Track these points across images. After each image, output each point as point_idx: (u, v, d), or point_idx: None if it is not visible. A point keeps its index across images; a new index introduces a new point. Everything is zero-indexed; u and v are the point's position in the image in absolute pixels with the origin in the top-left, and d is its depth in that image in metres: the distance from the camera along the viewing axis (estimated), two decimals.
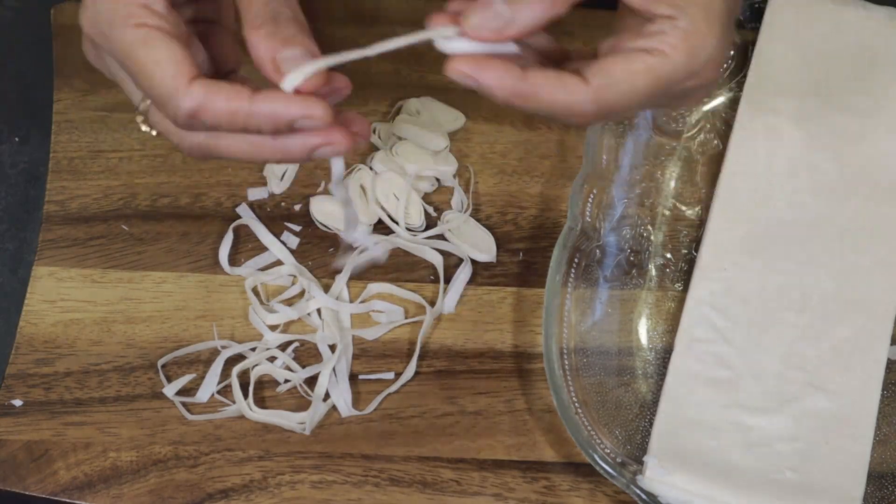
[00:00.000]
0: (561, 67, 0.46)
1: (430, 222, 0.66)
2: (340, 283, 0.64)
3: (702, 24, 0.44)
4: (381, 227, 0.66)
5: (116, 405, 0.62)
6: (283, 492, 0.61)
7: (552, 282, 0.61)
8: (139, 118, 0.48)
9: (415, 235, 0.65)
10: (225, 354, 0.63)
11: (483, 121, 0.69)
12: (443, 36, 0.44)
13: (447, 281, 0.65)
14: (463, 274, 0.65)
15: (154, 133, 0.48)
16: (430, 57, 0.70)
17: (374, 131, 0.68)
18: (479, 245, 0.65)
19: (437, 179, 0.67)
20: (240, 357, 0.63)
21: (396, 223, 0.65)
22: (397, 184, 0.65)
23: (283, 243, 0.66)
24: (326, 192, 0.67)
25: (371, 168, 0.66)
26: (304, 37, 0.45)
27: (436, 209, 0.67)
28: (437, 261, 0.65)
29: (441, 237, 0.66)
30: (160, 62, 0.44)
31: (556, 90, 0.44)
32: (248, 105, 0.44)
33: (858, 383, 0.61)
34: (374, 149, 0.67)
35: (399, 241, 0.65)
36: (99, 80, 0.69)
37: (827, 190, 0.64)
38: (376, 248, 0.59)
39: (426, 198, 0.67)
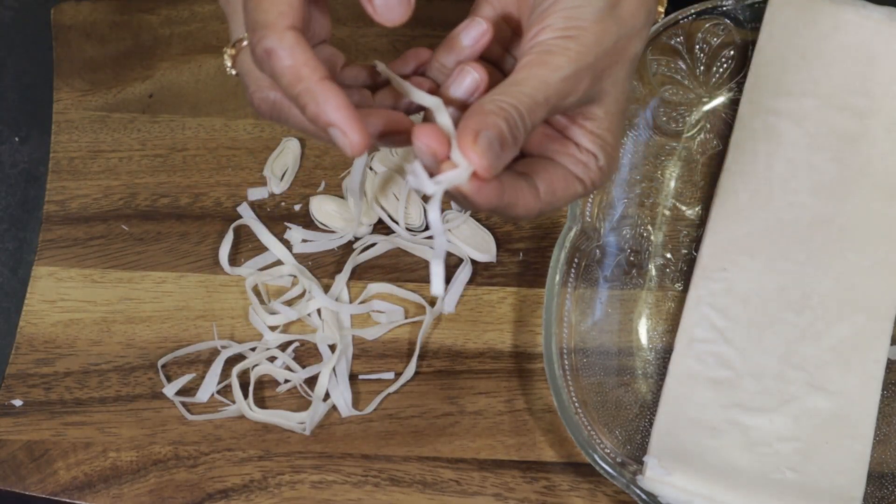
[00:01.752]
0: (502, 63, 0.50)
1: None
2: (340, 283, 0.64)
3: (614, 152, 0.48)
4: (380, 228, 0.66)
5: (116, 405, 0.63)
6: (283, 492, 0.61)
7: (552, 282, 0.61)
8: (229, 53, 0.47)
9: (415, 235, 0.65)
10: (225, 354, 0.63)
11: None
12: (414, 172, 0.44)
13: (447, 281, 0.65)
14: (463, 274, 0.65)
15: (233, 73, 0.48)
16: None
17: None
18: (479, 245, 0.65)
19: None
20: (240, 357, 0.63)
21: (396, 223, 0.65)
22: (397, 184, 0.65)
23: (287, 241, 0.66)
24: (326, 192, 0.67)
25: (371, 168, 0.66)
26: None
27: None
28: None
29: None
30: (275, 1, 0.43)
31: (516, 203, 0.46)
32: (312, 82, 0.43)
33: (858, 383, 0.61)
34: (375, 149, 0.67)
35: (399, 241, 0.65)
36: (99, 80, 0.69)
37: (827, 190, 0.64)
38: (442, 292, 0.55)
39: (426, 198, 0.67)
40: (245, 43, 0.47)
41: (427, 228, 0.66)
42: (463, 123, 0.44)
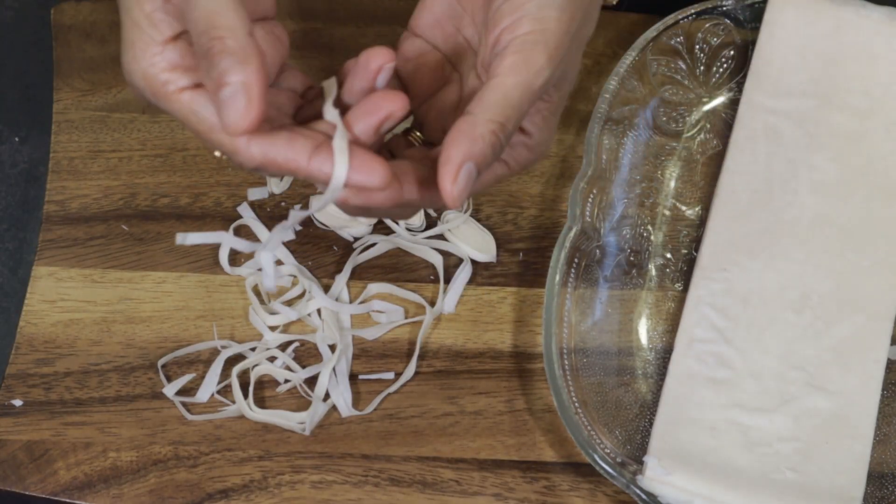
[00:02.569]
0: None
1: (430, 222, 0.66)
2: (340, 283, 0.64)
3: (552, 132, 0.49)
4: (380, 228, 0.66)
5: (116, 405, 0.62)
6: (283, 492, 0.61)
7: (552, 282, 0.61)
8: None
9: (415, 235, 0.65)
10: (225, 354, 0.63)
11: None
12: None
13: (447, 281, 0.65)
14: (463, 274, 0.65)
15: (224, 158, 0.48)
16: None
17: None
18: (479, 245, 0.65)
19: None
20: (240, 357, 0.63)
21: (397, 223, 0.65)
22: None
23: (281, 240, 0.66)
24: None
25: None
26: (245, 65, 0.43)
27: (436, 209, 0.67)
28: (437, 261, 0.65)
29: (441, 237, 0.66)
30: (214, 128, 0.44)
31: (500, 174, 0.48)
32: (305, 166, 0.43)
33: (858, 383, 0.61)
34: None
35: (399, 241, 0.65)
36: (99, 80, 0.69)
37: (827, 190, 0.64)
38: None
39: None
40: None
41: (427, 228, 0.66)
42: (448, 151, 0.43)
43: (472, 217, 0.66)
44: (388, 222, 0.65)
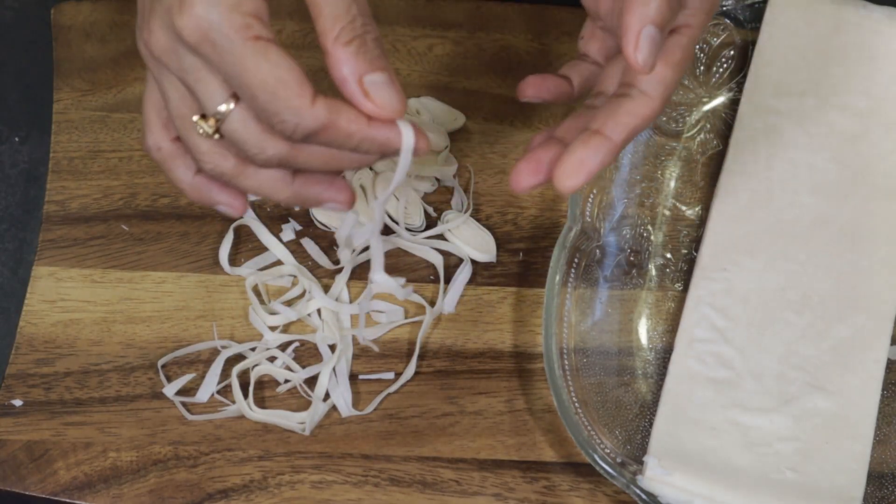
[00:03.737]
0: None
1: (430, 222, 0.66)
2: (340, 283, 0.64)
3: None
4: (384, 228, 0.66)
5: (116, 405, 0.63)
6: (283, 492, 0.61)
7: (552, 282, 0.61)
8: (209, 123, 0.46)
9: (415, 235, 0.65)
10: (225, 354, 0.63)
11: (483, 121, 0.69)
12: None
13: (447, 281, 0.65)
14: (463, 274, 0.65)
15: (215, 137, 0.47)
16: (430, 57, 0.70)
17: None
18: (479, 245, 0.65)
19: (437, 179, 0.67)
20: (240, 357, 0.63)
21: (396, 223, 0.65)
22: (399, 190, 0.65)
23: (281, 240, 0.66)
24: None
25: (371, 168, 0.66)
26: (386, 60, 0.46)
27: (436, 209, 0.67)
28: (438, 261, 0.65)
29: (441, 237, 0.66)
30: (283, 80, 0.44)
31: (636, 125, 0.47)
32: (366, 129, 0.45)
33: (858, 383, 0.61)
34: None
35: (399, 241, 0.65)
36: (99, 80, 0.69)
37: (827, 190, 0.64)
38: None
39: (426, 198, 0.67)
40: (226, 110, 0.46)
41: (427, 228, 0.66)
42: (626, 20, 0.45)
43: (472, 217, 0.66)
44: (389, 222, 0.65)
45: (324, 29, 0.45)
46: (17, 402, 0.62)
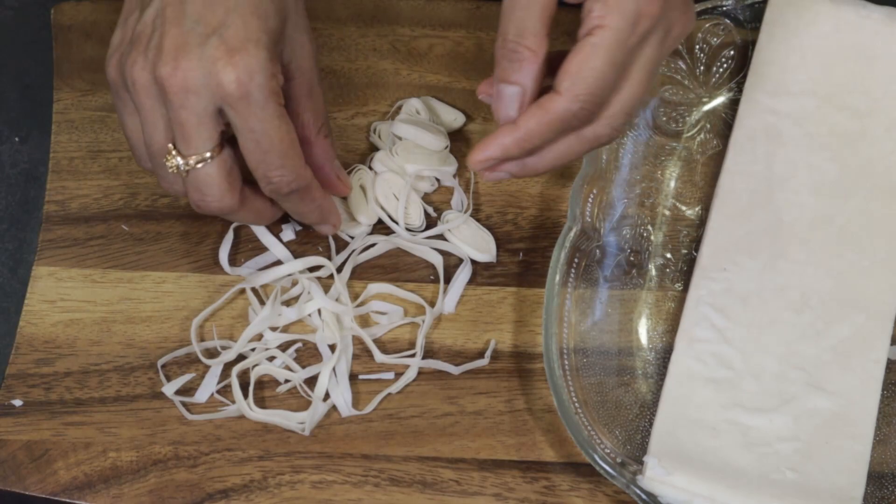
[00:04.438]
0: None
1: (430, 222, 0.66)
2: (340, 283, 0.64)
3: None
4: (380, 228, 0.66)
5: (116, 405, 0.63)
6: (283, 492, 0.61)
7: (552, 282, 0.61)
8: (190, 161, 0.54)
9: (414, 235, 0.65)
10: (225, 355, 0.63)
11: (483, 121, 0.69)
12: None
13: (447, 281, 0.65)
14: (463, 274, 0.65)
15: (182, 174, 0.55)
16: (430, 56, 0.70)
17: (373, 131, 0.68)
18: (479, 245, 0.65)
19: (437, 179, 0.67)
20: (240, 357, 0.63)
21: (396, 223, 0.65)
22: (397, 184, 0.65)
23: (280, 240, 0.66)
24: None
25: (371, 168, 0.66)
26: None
27: (436, 209, 0.67)
28: (438, 261, 0.65)
29: (441, 237, 0.66)
30: (294, 142, 0.54)
31: (540, 117, 0.50)
32: (322, 198, 0.60)
33: (858, 383, 0.61)
34: (374, 149, 0.67)
35: (399, 241, 0.65)
36: (99, 80, 0.69)
37: (826, 190, 0.64)
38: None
39: (426, 198, 0.67)
40: (215, 154, 0.54)
41: (427, 228, 0.66)
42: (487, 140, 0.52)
43: (472, 217, 0.66)
44: (388, 221, 0.65)
45: (308, 123, 0.56)
46: (17, 402, 0.62)
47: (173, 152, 0.54)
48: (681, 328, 0.62)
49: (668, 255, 0.65)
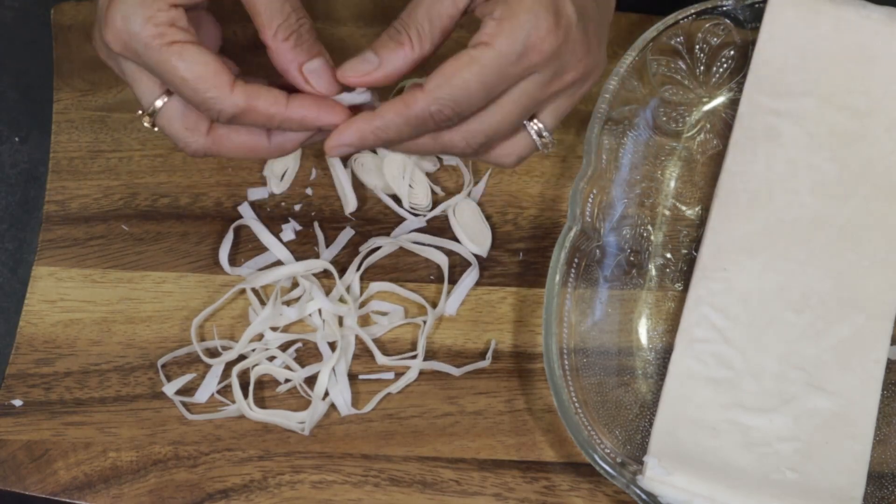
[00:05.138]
0: None
1: (437, 202, 0.67)
2: (341, 287, 0.64)
3: (517, 8, 0.49)
4: (381, 229, 0.66)
5: (116, 405, 0.63)
6: (283, 492, 0.61)
7: (552, 282, 0.61)
8: (146, 119, 0.52)
9: (419, 216, 0.66)
10: (225, 355, 0.63)
11: None
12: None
13: (452, 282, 0.65)
14: (469, 278, 0.65)
15: (155, 129, 0.53)
16: (430, 56, 0.70)
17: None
18: (474, 235, 0.65)
19: (439, 158, 0.67)
20: (240, 357, 0.63)
21: (400, 205, 0.65)
22: (402, 164, 0.65)
23: (281, 240, 0.66)
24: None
25: (374, 151, 0.66)
26: (320, 45, 0.51)
27: (443, 188, 0.67)
28: (443, 262, 0.65)
29: (442, 233, 0.65)
30: (201, 75, 0.49)
31: (400, 110, 0.49)
32: (284, 110, 0.50)
33: (858, 383, 0.61)
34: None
35: (402, 241, 0.65)
36: (99, 80, 0.69)
37: (826, 190, 0.64)
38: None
39: (432, 178, 0.67)
40: (159, 105, 0.52)
41: (433, 208, 0.66)
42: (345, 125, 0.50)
43: (477, 204, 0.66)
44: (389, 202, 0.65)
45: (262, 26, 0.51)
46: (17, 402, 0.62)
47: (139, 113, 0.53)
48: (681, 328, 0.62)
49: (668, 255, 0.65)
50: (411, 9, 0.50)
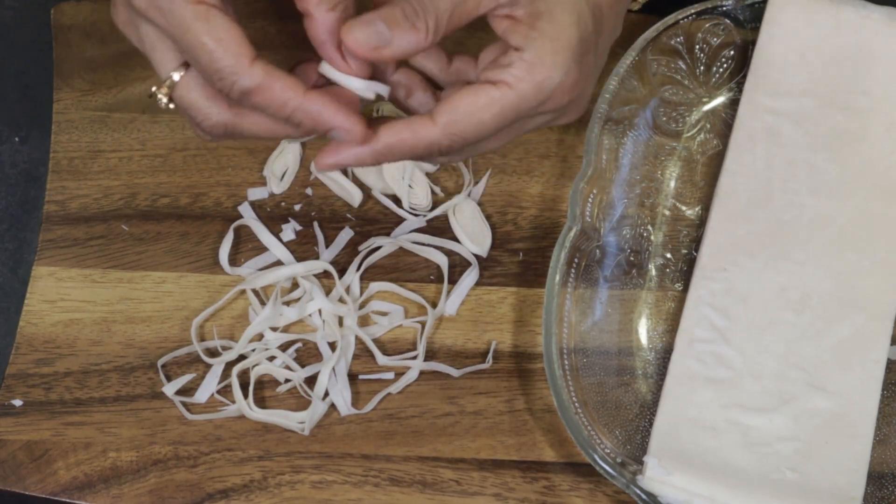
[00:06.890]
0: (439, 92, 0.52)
1: (437, 202, 0.67)
2: (341, 288, 0.64)
3: (548, 56, 0.47)
4: (381, 229, 0.66)
5: (116, 405, 0.63)
6: (283, 492, 0.61)
7: (552, 282, 0.61)
8: (162, 91, 0.49)
9: (419, 216, 0.66)
10: (225, 355, 0.63)
11: None
12: (328, 72, 0.49)
13: (453, 282, 0.65)
14: (469, 278, 0.65)
15: (171, 106, 0.50)
16: None
17: (377, 111, 0.67)
18: (473, 235, 0.65)
19: None
20: (240, 357, 0.63)
21: (399, 205, 0.65)
22: (402, 164, 0.65)
23: (281, 240, 0.66)
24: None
25: None
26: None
27: (442, 188, 0.67)
28: (443, 262, 0.65)
29: (443, 233, 0.66)
30: (222, 39, 0.46)
31: (405, 137, 0.48)
32: (300, 100, 0.47)
33: (858, 383, 0.61)
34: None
35: (402, 242, 0.65)
36: (99, 80, 0.69)
37: (827, 190, 0.64)
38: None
39: (432, 178, 0.67)
40: (177, 77, 0.49)
41: (434, 208, 0.66)
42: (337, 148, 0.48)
43: (477, 204, 0.66)
44: (389, 203, 0.65)
45: None
46: (17, 402, 0.62)
47: (153, 89, 0.50)
48: (681, 328, 0.62)
49: (668, 255, 0.65)
50: None
